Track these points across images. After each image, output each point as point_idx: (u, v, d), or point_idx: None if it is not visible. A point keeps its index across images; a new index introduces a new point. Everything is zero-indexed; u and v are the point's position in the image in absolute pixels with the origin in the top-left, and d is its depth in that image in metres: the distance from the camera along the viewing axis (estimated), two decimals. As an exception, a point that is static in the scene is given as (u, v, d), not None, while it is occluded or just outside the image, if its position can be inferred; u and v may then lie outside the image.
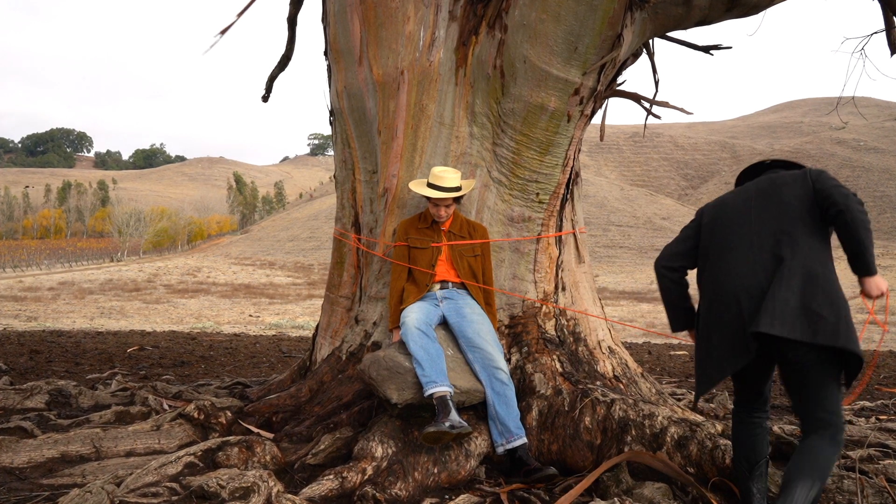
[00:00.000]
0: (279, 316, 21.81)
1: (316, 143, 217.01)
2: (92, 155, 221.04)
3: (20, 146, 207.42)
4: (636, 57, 4.37)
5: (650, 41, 4.44)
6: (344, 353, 4.22)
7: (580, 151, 4.27)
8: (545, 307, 3.96)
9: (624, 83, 4.30)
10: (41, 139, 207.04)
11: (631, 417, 3.32)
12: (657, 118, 4.55)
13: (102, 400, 4.81)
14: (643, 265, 49.81)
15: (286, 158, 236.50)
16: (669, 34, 4.31)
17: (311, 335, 10.87)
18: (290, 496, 2.75)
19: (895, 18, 4.36)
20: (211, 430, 3.83)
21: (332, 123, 4.87)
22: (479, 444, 3.34)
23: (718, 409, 4.82)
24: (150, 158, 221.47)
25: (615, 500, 2.73)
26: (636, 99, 4.40)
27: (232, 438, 3.31)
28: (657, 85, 4.78)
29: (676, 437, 3.19)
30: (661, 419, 3.29)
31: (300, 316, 21.80)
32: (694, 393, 3.00)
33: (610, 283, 39.07)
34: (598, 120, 4.74)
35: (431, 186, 3.61)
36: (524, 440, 3.31)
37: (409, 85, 4.05)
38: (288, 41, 5.66)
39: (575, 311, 4.08)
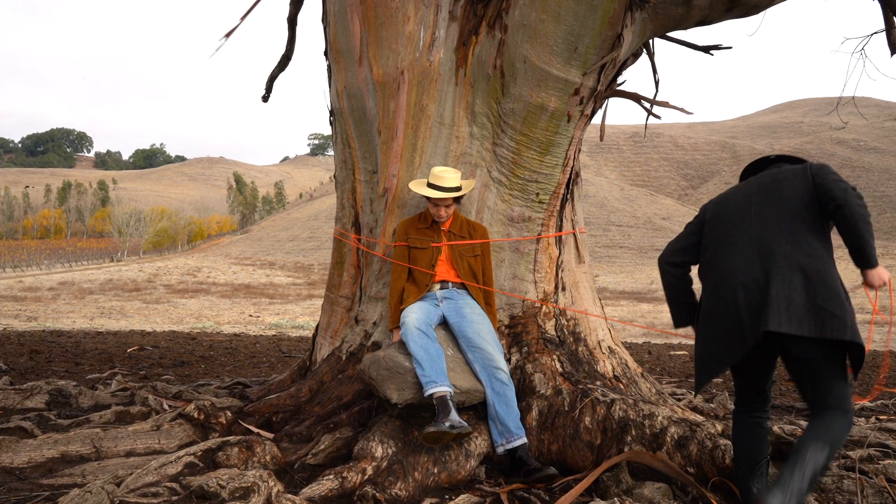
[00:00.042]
0: (279, 316, 21.80)
1: (316, 143, 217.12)
2: (92, 155, 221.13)
3: (20, 146, 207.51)
4: (636, 57, 4.37)
5: (650, 41, 4.44)
6: (344, 353, 4.22)
7: (580, 151, 4.27)
8: (545, 307, 3.96)
9: (624, 83, 4.30)
10: (41, 139, 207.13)
11: (631, 417, 3.32)
12: (657, 118, 4.55)
13: (102, 400, 4.80)
14: (643, 265, 49.81)
15: (286, 158, 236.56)
16: (669, 34, 4.31)
17: (311, 335, 10.87)
18: (290, 496, 2.75)
19: (895, 18, 4.36)
20: (211, 430, 3.83)
21: (332, 123, 4.87)
22: (479, 444, 3.34)
23: (718, 409, 4.82)
24: (150, 158, 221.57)
25: (615, 500, 2.73)
26: (636, 99, 4.40)
27: (232, 438, 3.30)
28: (657, 85, 4.78)
29: (676, 437, 3.19)
30: (661, 419, 3.29)
31: (300, 316, 21.79)
32: (693, 391, 3.01)
33: (610, 283, 39.06)
34: (598, 120, 4.74)
35: (431, 186, 3.60)
36: (524, 440, 3.31)
37: (409, 85, 4.05)
38: (288, 41, 5.66)
39: (575, 309, 4.08)
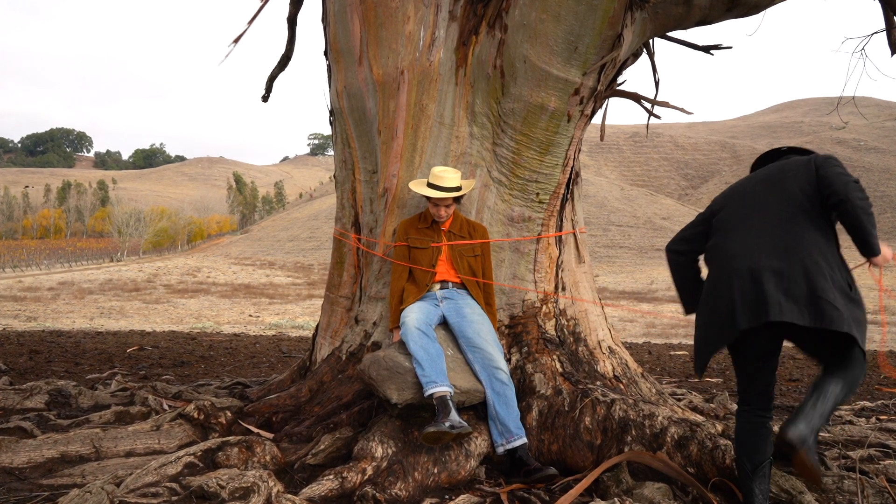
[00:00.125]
0: (279, 316, 21.80)
1: (316, 143, 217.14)
2: (92, 155, 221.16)
3: (20, 146, 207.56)
4: (636, 57, 4.37)
5: (650, 41, 4.44)
6: (344, 353, 4.22)
7: (580, 151, 4.27)
8: (545, 307, 3.96)
9: (624, 83, 4.30)
10: (41, 139, 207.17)
11: (631, 417, 3.32)
12: (657, 118, 4.55)
13: (102, 400, 4.80)
14: (643, 265, 49.81)
15: (286, 158, 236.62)
16: (669, 34, 4.31)
17: (310, 335, 10.87)
18: (289, 496, 2.75)
19: (895, 18, 4.35)
20: (211, 430, 3.83)
21: (332, 123, 4.87)
22: (479, 444, 3.34)
23: (718, 409, 4.82)
24: (149, 158, 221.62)
25: (615, 500, 2.73)
26: (636, 99, 4.40)
27: (232, 438, 3.30)
28: (657, 85, 4.77)
29: (676, 437, 3.19)
30: (661, 419, 3.29)
31: (300, 316, 21.79)
32: (694, 373, 3.07)
33: (610, 283, 39.03)
34: (598, 120, 4.74)
35: (431, 186, 3.60)
36: (524, 440, 3.31)
37: (409, 85, 4.05)
38: (288, 41, 5.66)
39: (576, 300, 4.08)
